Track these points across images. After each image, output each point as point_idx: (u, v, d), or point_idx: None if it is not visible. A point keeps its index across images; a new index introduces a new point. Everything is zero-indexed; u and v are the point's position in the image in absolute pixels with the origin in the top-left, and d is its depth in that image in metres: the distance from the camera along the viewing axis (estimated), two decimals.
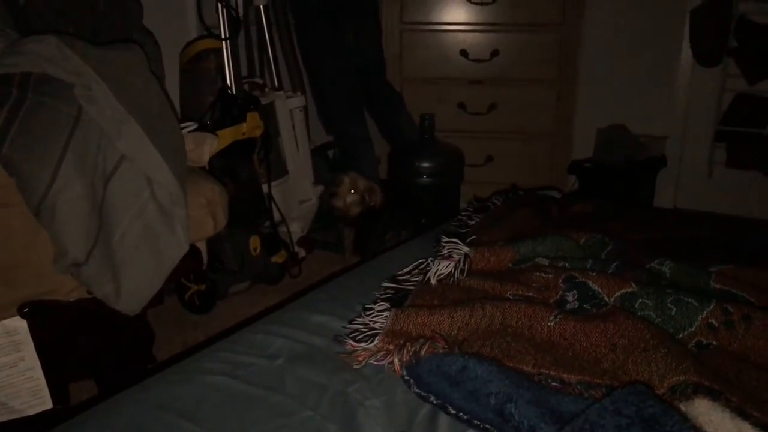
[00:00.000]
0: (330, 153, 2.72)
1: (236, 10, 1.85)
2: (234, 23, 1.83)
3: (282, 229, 2.14)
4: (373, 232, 2.31)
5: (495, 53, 2.85)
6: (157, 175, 1.03)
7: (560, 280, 0.96)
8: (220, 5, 1.81)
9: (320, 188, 2.37)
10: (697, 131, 3.05)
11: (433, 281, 1.01)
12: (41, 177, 0.91)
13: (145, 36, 1.47)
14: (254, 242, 1.95)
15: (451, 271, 1.02)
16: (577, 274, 0.96)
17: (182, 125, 1.39)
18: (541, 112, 2.90)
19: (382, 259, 1.21)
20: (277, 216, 2.08)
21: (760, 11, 2.79)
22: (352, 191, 2.28)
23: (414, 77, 2.94)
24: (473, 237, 1.20)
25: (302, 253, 2.24)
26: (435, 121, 2.56)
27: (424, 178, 2.51)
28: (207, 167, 1.50)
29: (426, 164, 2.51)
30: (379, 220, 2.33)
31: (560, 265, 1.05)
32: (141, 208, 1.02)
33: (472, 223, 1.36)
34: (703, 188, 3.08)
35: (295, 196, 2.28)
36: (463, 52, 2.88)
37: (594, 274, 0.96)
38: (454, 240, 1.08)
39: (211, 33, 1.83)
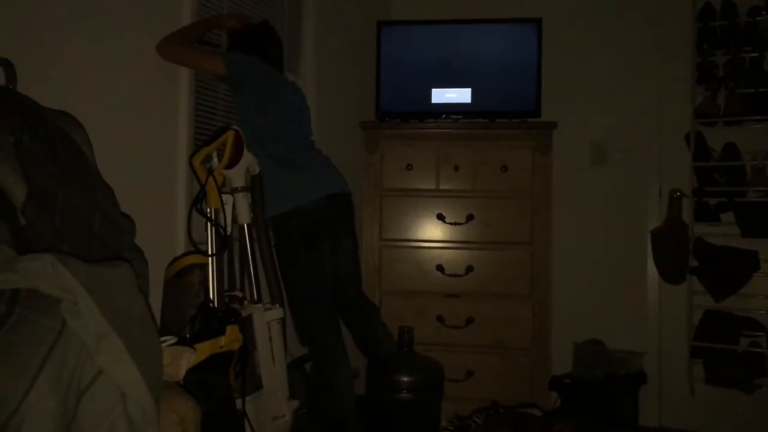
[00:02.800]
0: (307, 366, 2.68)
1: (224, 229, 1.95)
2: (222, 240, 1.92)
3: None
4: None
5: (470, 269, 2.97)
6: (132, 390, 1.01)
7: None
8: (209, 223, 1.91)
9: (295, 403, 2.30)
10: (672, 347, 3.09)
11: None
12: (15, 392, 0.90)
13: (135, 253, 1.54)
14: None
15: None
16: None
17: (162, 339, 1.39)
18: (518, 326, 2.94)
19: None
20: None
21: (714, 233, 3.01)
22: None
23: (392, 290, 3.02)
24: None
25: None
26: (413, 335, 2.58)
27: (404, 394, 2.45)
28: (182, 382, 1.47)
29: (405, 379, 2.46)
30: None
31: None
32: (111, 426, 0.98)
33: None
34: (686, 406, 3.04)
35: (269, 413, 2.19)
36: (439, 267, 3.00)
37: None
38: None
39: (198, 249, 1.90)
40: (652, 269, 3.12)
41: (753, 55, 2.96)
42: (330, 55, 3.10)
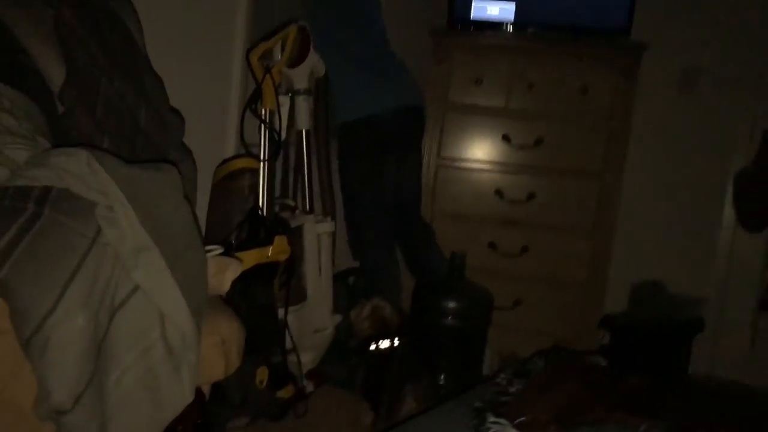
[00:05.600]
0: (351, 280, 2.62)
1: (279, 133, 1.82)
2: (275, 145, 1.80)
3: (291, 357, 1.99)
4: (387, 374, 2.15)
5: (531, 196, 2.80)
6: (172, 312, 0.91)
7: None
8: (263, 126, 1.78)
9: (338, 317, 2.25)
10: (738, 298, 2.93)
11: None
12: (40, 305, 0.80)
13: (183, 153, 1.42)
14: (262, 374, 1.80)
15: None
16: None
17: (207, 248, 1.30)
18: (575, 260, 2.79)
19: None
20: (288, 344, 1.94)
21: None
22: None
23: (445, 212, 2.88)
24: (522, 419, 1.04)
25: (310, 387, 2.08)
26: (465, 260, 2.46)
27: (450, 320, 2.37)
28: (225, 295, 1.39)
29: (453, 305, 2.37)
30: (395, 360, 2.18)
31: None
32: (147, 348, 0.89)
33: (513, 390, 1.22)
34: (743, 358, 2.90)
35: (311, 325, 2.15)
36: (498, 192, 2.83)
37: None
38: (501, 421, 0.93)
39: (249, 152, 1.79)
40: (728, 213, 2.90)
41: None
42: None
